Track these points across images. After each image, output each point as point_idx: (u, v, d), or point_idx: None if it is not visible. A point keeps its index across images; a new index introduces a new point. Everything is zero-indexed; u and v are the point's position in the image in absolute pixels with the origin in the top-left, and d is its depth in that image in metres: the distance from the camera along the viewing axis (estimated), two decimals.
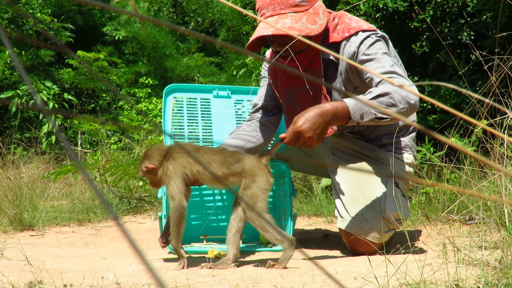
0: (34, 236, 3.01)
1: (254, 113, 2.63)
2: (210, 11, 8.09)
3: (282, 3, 2.25)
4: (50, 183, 4.12)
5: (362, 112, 2.10)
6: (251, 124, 2.57)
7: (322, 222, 3.28)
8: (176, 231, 2.16)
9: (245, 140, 2.50)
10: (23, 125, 6.09)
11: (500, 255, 1.75)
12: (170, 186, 2.15)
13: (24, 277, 1.93)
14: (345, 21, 2.38)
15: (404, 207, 2.41)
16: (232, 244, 2.20)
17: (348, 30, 2.33)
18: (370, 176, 2.44)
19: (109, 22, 8.32)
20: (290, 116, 2.46)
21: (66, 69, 6.98)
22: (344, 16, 2.41)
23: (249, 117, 2.64)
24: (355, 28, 2.33)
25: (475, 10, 4.03)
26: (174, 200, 2.16)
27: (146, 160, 2.21)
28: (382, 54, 2.25)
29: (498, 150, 2.31)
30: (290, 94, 2.44)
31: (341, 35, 2.34)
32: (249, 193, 2.17)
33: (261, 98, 2.63)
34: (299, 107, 2.40)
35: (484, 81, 3.66)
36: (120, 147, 5.89)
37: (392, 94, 2.11)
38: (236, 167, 2.19)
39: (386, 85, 2.14)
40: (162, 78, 7.64)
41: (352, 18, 2.40)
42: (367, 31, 2.31)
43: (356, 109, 2.10)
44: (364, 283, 1.68)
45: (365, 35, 2.30)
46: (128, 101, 7.03)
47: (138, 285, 1.86)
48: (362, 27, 2.32)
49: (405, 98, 2.12)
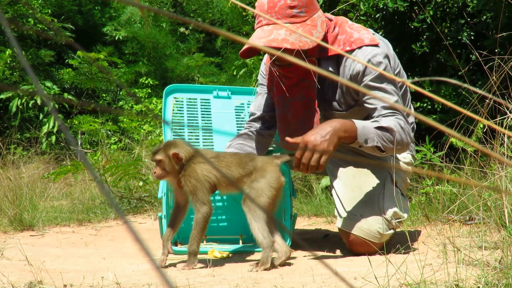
0: (34, 236, 3.01)
1: (253, 122, 2.62)
2: (210, 11, 8.09)
3: (279, 13, 2.23)
4: (50, 183, 4.12)
5: (367, 137, 2.17)
6: (251, 135, 2.57)
7: (322, 222, 3.28)
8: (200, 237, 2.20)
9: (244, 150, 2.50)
10: (23, 125, 6.08)
11: (500, 255, 1.75)
12: (200, 191, 2.17)
13: (24, 277, 1.93)
14: (346, 30, 2.34)
15: (403, 206, 2.41)
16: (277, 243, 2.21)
17: (349, 44, 2.31)
18: (368, 176, 2.44)
19: (109, 22, 8.32)
20: (281, 124, 2.47)
21: (66, 69, 6.97)
22: (345, 24, 2.37)
23: (247, 125, 2.63)
24: (357, 41, 2.30)
25: (475, 10, 4.03)
26: (205, 206, 2.17)
27: (175, 148, 2.19)
28: (387, 84, 2.26)
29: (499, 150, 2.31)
30: (283, 101, 2.43)
31: (342, 48, 2.31)
32: (255, 185, 2.22)
33: (259, 108, 2.61)
34: (290, 116, 2.41)
35: (484, 81, 3.66)
36: (120, 147, 5.89)
37: (395, 133, 2.19)
38: (250, 166, 2.25)
39: (391, 120, 2.20)
40: (162, 78, 7.64)
41: (353, 27, 2.37)
42: (370, 46, 2.28)
43: (363, 132, 2.16)
44: (364, 283, 1.68)
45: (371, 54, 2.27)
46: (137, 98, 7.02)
47: (138, 285, 1.86)
48: (364, 41, 2.29)
49: (403, 140, 2.23)
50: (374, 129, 2.17)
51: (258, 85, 2.68)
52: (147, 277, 1.98)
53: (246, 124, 2.64)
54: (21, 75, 6.25)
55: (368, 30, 2.38)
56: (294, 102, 2.39)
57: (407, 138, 2.24)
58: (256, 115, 2.61)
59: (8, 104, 6.05)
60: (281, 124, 2.47)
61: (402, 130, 2.21)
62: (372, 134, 2.16)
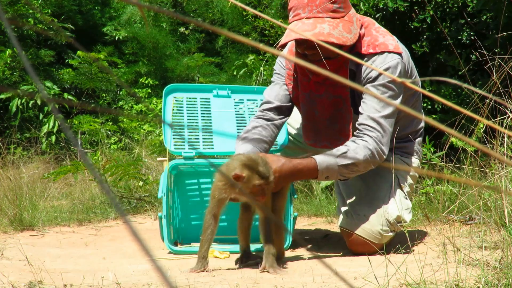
0: (34, 236, 3.01)
1: (268, 111, 2.50)
2: (210, 11, 8.08)
3: (320, 6, 2.18)
4: (50, 183, 4.12)
5: (328, 174, 2.22)
6: (267, 127, 2.47)
7: (322, 222, 3.28)
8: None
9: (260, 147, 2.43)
10: (23, 125, 6.08)
11: (500, 255, 1.75)
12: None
13: (24, 277, 1.93)
14: (372, 33, 2.32)
15: (406, 210, 2.41)
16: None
17: (374, 47, 2.28)
18: (376, 177, 2.43)
19: (109, 22, 8.31)
20: (308, 121, 2.44)
21: (66, 69, 6.97)
22: (371, 26, 2.35)
23: (260, 113, 2.51)
24: (381, 46, 2.27)
25: (475, 10, 4.03)
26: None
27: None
28: (389, 97, 2.24)
29: (499, 150, 2.31)
30: (310, 99, 2.39)
31: (365, 49, 2.28)
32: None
33: (277, 98, 2.51)
34: (318, 113, 2.38)
35: (484, 81, 3.66)
36: (120, 147, 5.89)
37: (362, 162, 2.21)
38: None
39: (360, 149, 2.22)
40: (162, 78, 7.64)
41: (379, 30, 2.34)
42: (393, 53, 2.26)
43: (324, 172, 2.20)
44: (364, 283, 1.68)
45: (389, 64, 2.24)
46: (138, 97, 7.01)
47: (138, 285, 1.86)
48: (388, 46, 2.27)
49: (370, 165, 2.26)
50: (337, 167, 2.20)
51: (274, 74, 2.59)
52: (147, 277, 1.98)
53: (260, 112, 2.52)
54: (21, 75, 6.25)
55: (393, 37, 2.35)
56: (321, 99, 2.36)
57: (377, 160, 2.25)
58: (274, 104, 2.50)
59: (8, 104, 6.05)
60: (307, 121, 2.43)
61: (372, 155, 2.23)
62: (335, 172, 2.21)
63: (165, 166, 2.71)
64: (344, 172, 2.22)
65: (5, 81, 6.09)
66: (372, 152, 2.22)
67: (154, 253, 2.53)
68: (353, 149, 2.21)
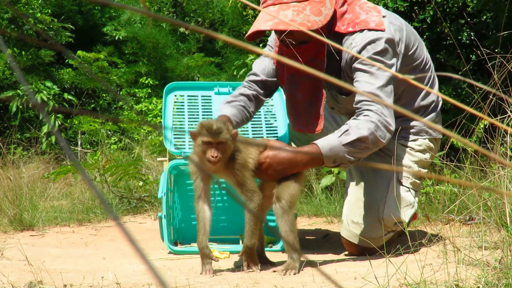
0: (34, 236, 3.01)
1: (253, 83, 2.50)
2: (210, 11, 8.08)
3: None
4: (50, 183, 4.12)
5: (336, 158, 2.10)
6: (252, 99, 2.47)
7: (322, 222, 3.28)
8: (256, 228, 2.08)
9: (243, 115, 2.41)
10: (23, 125, 6.08)
11: (500, 255, 1.75)
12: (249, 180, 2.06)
13: (24, 277, 1.93)
14: (355, 10, 2.24)
15: (407, 206, 2.39)
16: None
17: (353, 25, 2.21)
18: (374, 175, 2.40)
19: (109, 22, 8.31)
20: (290, 103, 2.41)
21: (66, 69, 6.97)
22: (356, 2, 2.27)
23: (247, 84, 2.51)
24: (362, 23, 2.20)
25: (475, 10, 4.02)
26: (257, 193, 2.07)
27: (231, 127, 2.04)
28: (377, 70, 2.15)
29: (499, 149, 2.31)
30: (293, 80, 2.36)
31: (345, 28, 2.23)
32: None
33: (264, 71, 2.50)
34: (300, 96, 2.35)
35: (484, 81, 3.66)
36: (120, 147, 5.89)
37: (368, 136, 2.09)
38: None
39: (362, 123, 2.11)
40: (162, 78, 7.63)
41: (364, 6, 2.26)
42: (373, 31, 2.18)
43: (330, 156, 2.09)
44: (364, 283, 1.67)
45: (370, 38, 2.17)
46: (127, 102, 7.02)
47: (138, 285, 1.86)
48: (369, 24, 2.19)
49: (379, 139, 2.12)
50: (342, 147, 2.08)
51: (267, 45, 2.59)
52: (147, 277, 1.98)
53: (246, 82, 2.52)
54: (17, 74, 6.24)
55: (379, 12, 2.25)
56: (303, 81, 2.32)
57: (384, 133, 2.12)
58: (260, 77, 2.49)
59: (8, 104, 6.05)
60: (290, 104, 2.41)
61: (377, 127, 2.10)
62: (341, 153, 2.09)
63: (165, 166, 2.71)
64: (353, 152, 2.09)
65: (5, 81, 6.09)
66: (376, 125, 2.10)
67: (155, 253, 2.53)
68: (355, 125, 2.11)
